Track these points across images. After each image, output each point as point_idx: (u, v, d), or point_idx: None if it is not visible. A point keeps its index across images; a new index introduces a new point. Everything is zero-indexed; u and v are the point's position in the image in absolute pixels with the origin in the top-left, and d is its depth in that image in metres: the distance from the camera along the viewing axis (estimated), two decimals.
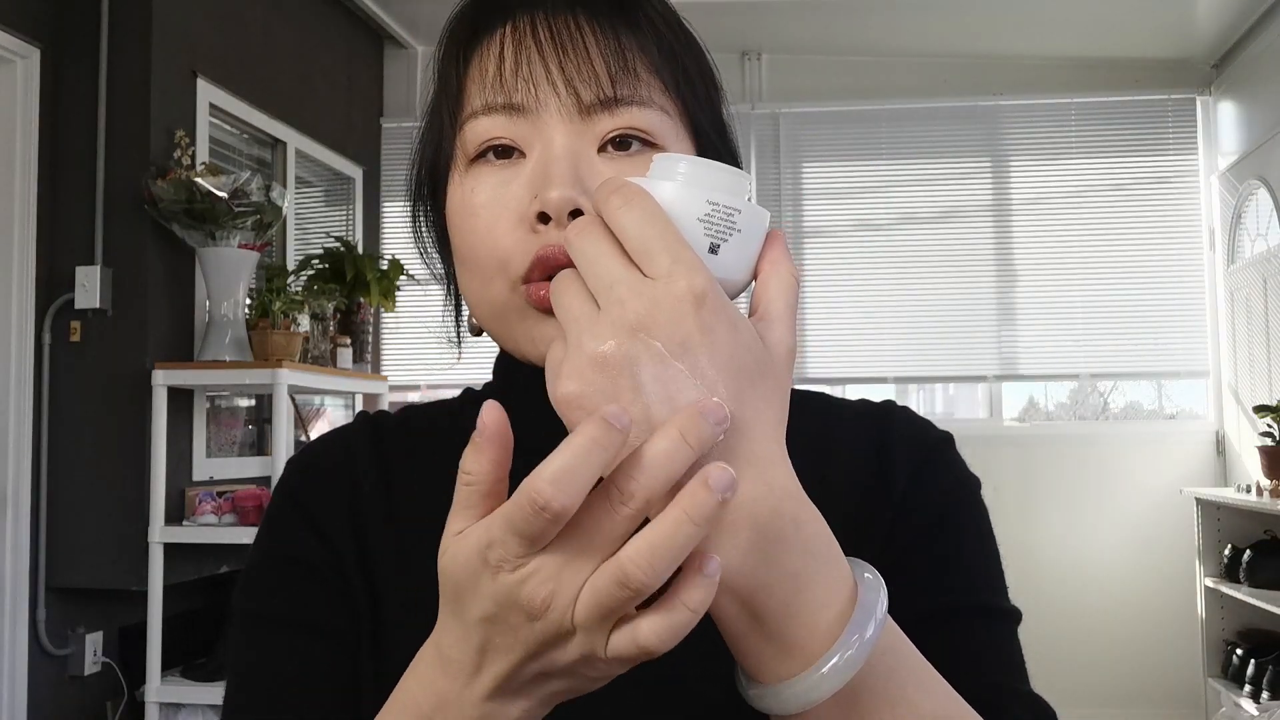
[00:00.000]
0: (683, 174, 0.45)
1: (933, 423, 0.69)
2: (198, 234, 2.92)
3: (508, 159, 0.59)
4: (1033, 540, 4.17)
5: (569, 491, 0.38)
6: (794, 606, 0.43)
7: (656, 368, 0.41)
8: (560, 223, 0.56)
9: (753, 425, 0.42)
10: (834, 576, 0.44)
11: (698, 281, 0.42)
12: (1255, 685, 3.40)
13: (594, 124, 0.58)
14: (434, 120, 0.65)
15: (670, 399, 0.41)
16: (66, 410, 2.93)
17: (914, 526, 0.63)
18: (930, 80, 4.38)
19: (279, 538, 0.67)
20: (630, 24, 0.60)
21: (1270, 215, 3.81)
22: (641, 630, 0.40)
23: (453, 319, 0.70)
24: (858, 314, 4.32)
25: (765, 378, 0.43)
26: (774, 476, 0.43)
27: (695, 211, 0.44)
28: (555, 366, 0.43)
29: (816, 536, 0.44)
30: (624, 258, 0.43)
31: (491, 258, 0.58)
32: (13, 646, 2.81)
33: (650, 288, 0.42)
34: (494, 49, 0.60)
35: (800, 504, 0.44)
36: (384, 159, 4.46)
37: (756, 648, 0.44)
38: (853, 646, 0.42)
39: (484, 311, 0.61)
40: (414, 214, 0.68)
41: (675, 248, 0.42)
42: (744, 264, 0.46)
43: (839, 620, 0.43)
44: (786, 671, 0.43)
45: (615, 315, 0.41)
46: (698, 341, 0.41)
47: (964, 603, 0.61)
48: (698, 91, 0.63)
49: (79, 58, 2.97)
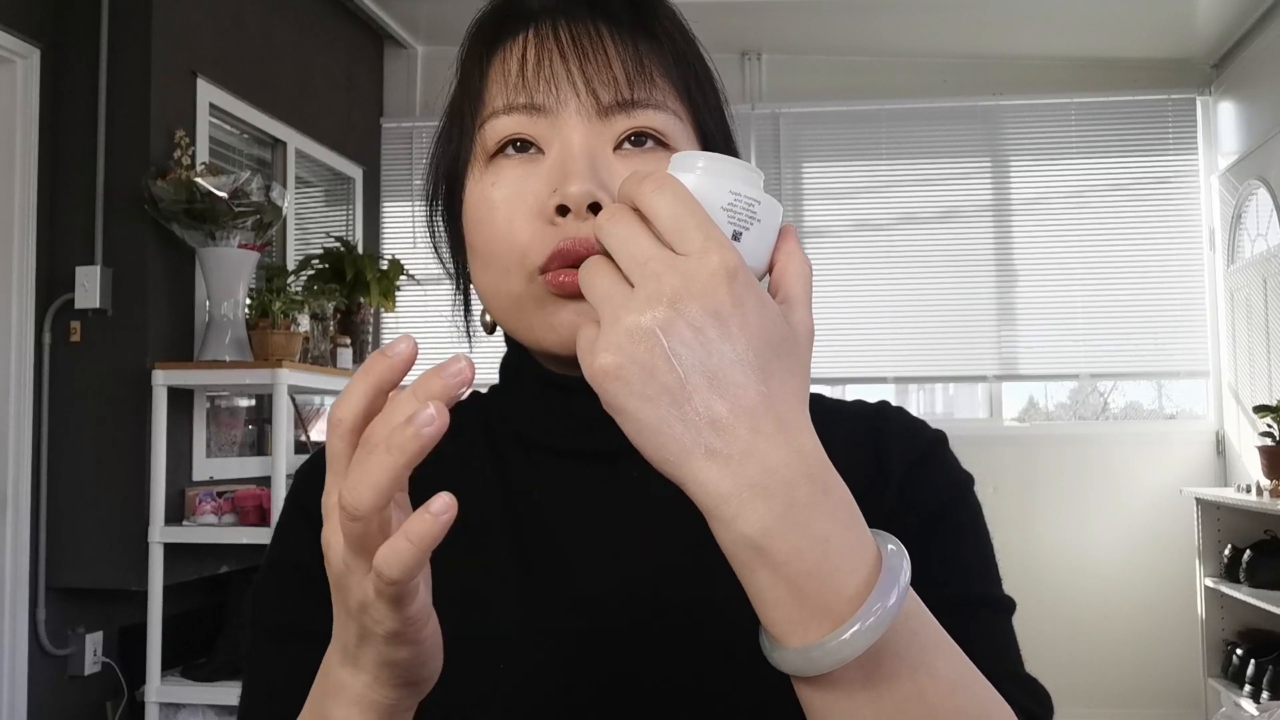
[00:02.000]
0: (702, 167, 0.47)
1: (926, 422, 0.70)
2: (198, 234, 2.92)
3: (526, 154, 0.61)
4: (1033, 540, 4.17)
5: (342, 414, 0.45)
6: (823, 570, 0.43)
7: (691, 336, 0.43)
8: (580, 215, 0.58)
9: (781, 393, 0.44)
10: (860, 541, 0.45)
11: (730, 257, 0.44)
12: (1255, 685, 3.40)
13: (611, 124, 0.61)
14: (454, 120, 0.66)
15: (703, 365, 0.43)
16: (66, 410, 2.93)
17: (909, 524, 0.64)
18: (930, 80, 4.38)
19: (288, 546, 0.68)
20: (647, 33, 0.63)
21: (1270, 215, 3.82)
22: (376, 558, 0.42)
23: (463, 318, 0.71)
24: (857, 314, 4.32)
25: (790, 353, 0.45)
26: (803, 442, 0.44)
27: (720, 200, 0.46)
28: (589, 344, 0.44)
29: (843, 502, 0.45)
30: (654, 237, 0.45)
31: (510, 250, 0.60)
32: (13, 646, 2.81)
33: (684, 263, 0.43)
34: (516, 51, 0.62)
35: (827, 469, 0.45)
36: (384, 159, 4.46)
37: (785, 611, 0.44)
38: (878, 608, 0.43)
39: (500, 304, 0.63)
40: (429, 214, 0.70)
41: (706, 225, 0.44)
42: (763, 253, 0.48)
43: (866, 584, 0.44)
44: (814, 634, 0.44)
45: (651, 289, 0.43)
46: (730, 312, 0.43)
47: (960, 594, 0.62)
48: (707, 98, 0.66)
49: (79, 58, 2.97)
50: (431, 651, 0.48)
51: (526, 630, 0.62)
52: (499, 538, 0.65)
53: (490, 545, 0.65)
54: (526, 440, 0.68)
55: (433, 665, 0.49)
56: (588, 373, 0.44)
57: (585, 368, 0.44)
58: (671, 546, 0.63)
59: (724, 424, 0.43)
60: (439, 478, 0.62)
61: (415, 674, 0.48)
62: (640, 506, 0.65)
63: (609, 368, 0.43)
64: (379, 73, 4.47)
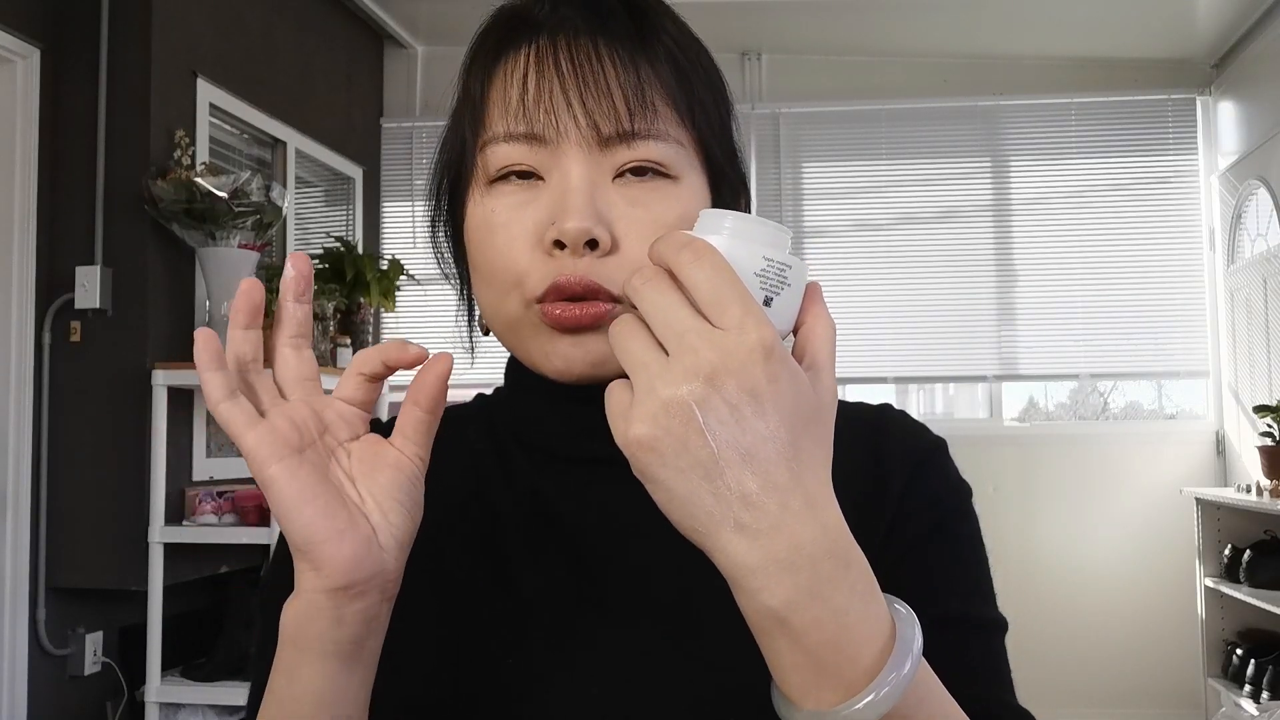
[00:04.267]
0: (729, 229, 0.48)
1: (928, 427, 0.70)
2: (198, 234, 2.92)
3: (527, 180, 0.61)
4: (1033, 540, 4.17)
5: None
6: (840, 642, 0.45)
7: (727, 413, 0.43)
8: (576, 252, 0.58)
9: (809, 468, 0.45)
10: (876, 614, 0.46)
11: (767, 334, 0.44)
12: (1255, 685, 3.40)
13: (611, 155, 0.60)
14: (456, 129, 0.66)
15: (737, 442, 0.44)
16: (66, 410, 2.93)
17: (907, 535, 0.64)
18: (930, 80, 4.38)
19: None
20: (649, 54, 0.62)
21: (1270, 215, 3.82)
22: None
23: (466, 323, 0.71)
24: (857, 314, 4.31)
25: (818, 423, 0.47)
26: (828, 518, 0.46)
27: (753, 266, 0.47)
28: (622, 410, 0.45)
29: (862, 576, 0.46)
30: (692, 308, 0.45)
31: (508, 274, 0.61)
32: (13, 646, 2.81)
33: (723, 338, 0.44)
34: (517, 72, 0.62)
35: (849, 544, 0.46)
36: (384, 159, 4.46)
37: (801, 676, 0.46)
38: (890, 682, 0.45)
39: (499, 324, 0.64)
40: (432, 219, 0.70)
41: (745, 300, 0.45)
42: (791, 315, 0.49)
43: (881, 655, 0.45)
44: (829, 700, 0.45)
45: (689, 363, 0.44)
46: (764, 390, 0.44)
47: (955, 613, 0.62)
48: (711, 120, 0.65)
49: (79, 58, 2.97)
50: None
51: (538, 629, 0.63)
52: (513, 538, 0.66)
53: (502, 544, 0.66)
54: (529, 443, 0.69)
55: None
56: (620, 440, 0.45)
57: (618, 435, 0.45)
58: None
59: (754, 500, 0.44)
60: (447, 476, 0.63)
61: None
62: (647, 509, 0.65)
63: (644, 439, 0.44)
64: (379, 73, 4.47)
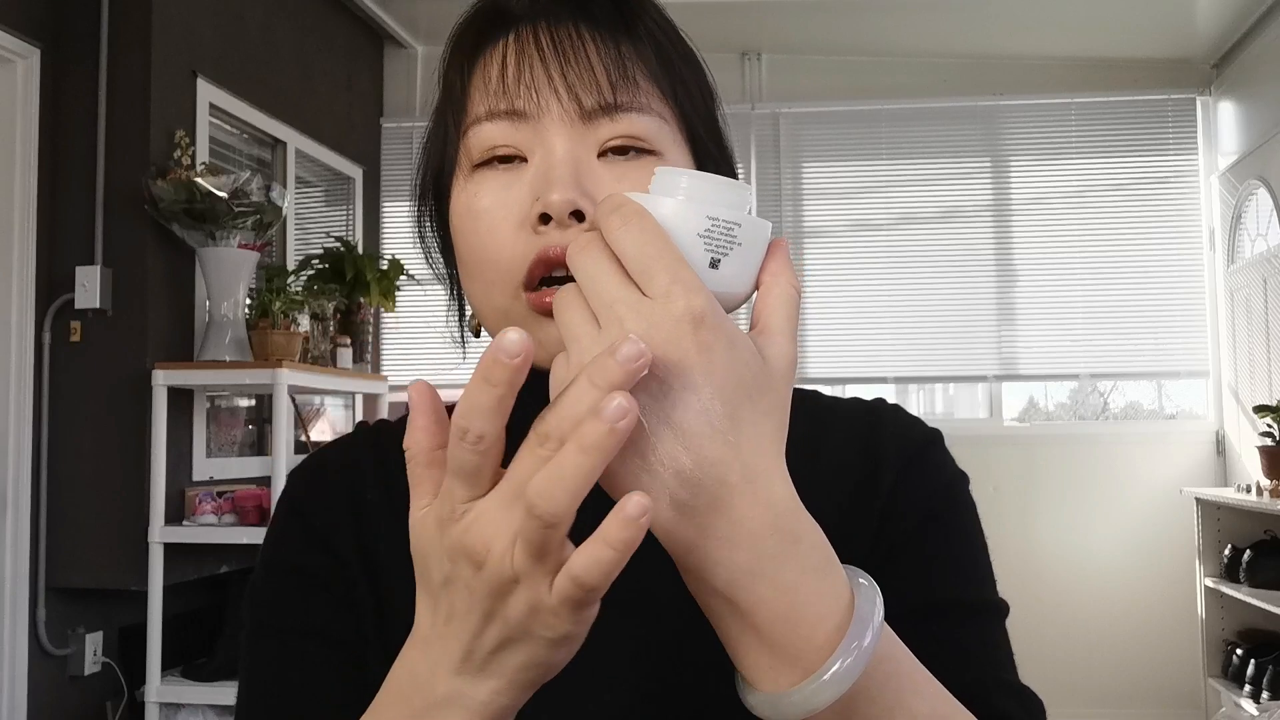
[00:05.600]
0: (684, 189, 0.45)
1: (922, 421, 0.70)
2: (198, 234, 2.92)
3: (510, 164, 0.60)
4: (1033, 540, 4.17)
5: (474, 417, 0.40)
6: (792, 619, 0.43)
7: (655, 387, 0.42)
8: (562, 223, 0.57)
9: (750, 442, 0.43)
10: (831, 588, 0.44)
11: (696, 301, 0.42)
12: (1255, 685, 3.40)
13: (594, 129, 0.59)
14: (438, 126, 0.66)
15: (667, 417, 0.42)
16: (66, 410, 2.93)
17: (903, 524, 0.64)
18: (930, 80, 4.38)
19: (281, 548, 0.68)
20: (630, 34, 0.61)
21: (1270, 215, 3.82)
22: (574, 565, 0.40)
23: (457, 321, 0.71)
24: (857, 314, 4.32)
25: (764, 393, 0.44)
26: (771, 493, 0.43)
27: (695, 228, 0.44)
28: (559, 383, 0.43)
29: (814, 550, 0.44)
30: (623, 276, 0.43)
31: (495, 262, 0.59)
32: (13, 646, 2.81)
33: (650, 307, 0.42)
34: (497, 57, 0.61)
35: (798, 518, 0.44)
36: (384, 159, 4.46)
37: (755, 658, 0.44)
38: (851, 654, 0.43)
39: (488, 317, 0.63)
40: (418, 218, 0.69)
41: (674, 267, 0.43)
42: (746, 277, 0.46)
43: (837, 631, 0.43)
44: (786, 681, 0.44)
45: (615, 334, 0.42)
46: (694, 361, 0.42)
47: (952, 598, 0.62)
48: (694, 99, 0.64)
49: (79, 58, 2.97)
50: None
51: None
52: None
53: None
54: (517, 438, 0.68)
55: None
56: None
57: None
58: None
59: (688, 476, 0.42)
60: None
61: (555, 672, 0.46)
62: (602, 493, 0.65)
63: None
64: (379, 73, 4.47)
